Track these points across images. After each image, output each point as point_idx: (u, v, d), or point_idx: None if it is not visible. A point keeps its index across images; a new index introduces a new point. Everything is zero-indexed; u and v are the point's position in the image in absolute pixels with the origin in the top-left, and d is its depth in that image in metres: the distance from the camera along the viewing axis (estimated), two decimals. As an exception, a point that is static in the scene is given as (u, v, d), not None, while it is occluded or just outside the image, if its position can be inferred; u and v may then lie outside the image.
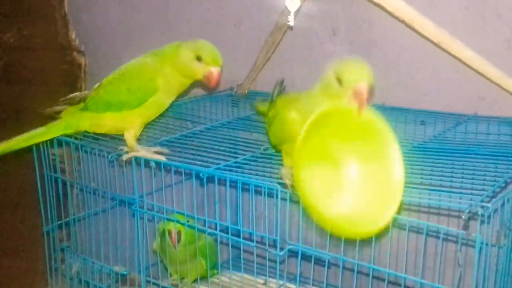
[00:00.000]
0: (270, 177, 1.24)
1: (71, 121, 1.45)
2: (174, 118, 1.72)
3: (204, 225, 1.32)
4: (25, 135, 1.44)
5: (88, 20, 2.34)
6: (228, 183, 1.24)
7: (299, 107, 1.21)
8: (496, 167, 1.21)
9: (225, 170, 1.27)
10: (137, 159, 1.35)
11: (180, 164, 1.29)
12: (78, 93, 1.50)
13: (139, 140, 1.44)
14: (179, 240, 1.47)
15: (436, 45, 1.51)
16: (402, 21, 1.48)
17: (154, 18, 2.21)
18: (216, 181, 1.27)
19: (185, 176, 1.49)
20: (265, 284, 1.71)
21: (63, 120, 1.46)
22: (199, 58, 1.37)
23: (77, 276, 1.56)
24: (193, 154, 1.38)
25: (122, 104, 1.40)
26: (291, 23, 1.62)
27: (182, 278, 1.58)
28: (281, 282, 1.33)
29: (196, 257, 1.56)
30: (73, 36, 2.37)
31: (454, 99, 1.65)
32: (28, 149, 1.48)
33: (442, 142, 1.42)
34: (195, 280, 1.59)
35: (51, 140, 1.48)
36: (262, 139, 1.53)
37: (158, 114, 1.46)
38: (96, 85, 1.49)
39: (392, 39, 1.71)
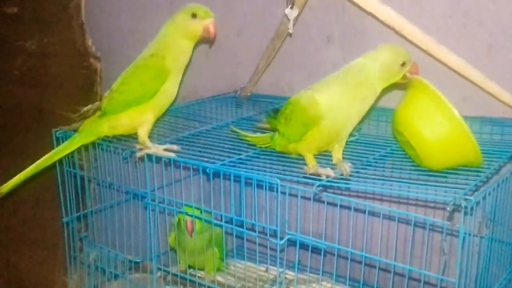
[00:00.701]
0: (271, 172, 1.24)
1: (90, 129, 1.45)
2: (182, 119, 1.73)
3: (211, 217, 1.33)
4: (49, 154, 1.43)
5: (103, 28, 2.35)
6: (232, 178, 1.24)
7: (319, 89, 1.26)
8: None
9: (229, 166, 1.27)
10: (149, 156, 1.35)
11: (188, 160, 1.30)
12: (90, 105, 1.50)
13: (151, 138, 1.44)
14: (193, 229, 1.47)
15: (424, 51, 1.51)
16: (393, 29, 1.48)
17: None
18: (222, 176, 1.28)
19: (193, 172, 1.50)
20: (266, 271, 1.72)
21: (83, 131, 1.45)
22: (194, 15, 1.39)
23: (94, 264, 1.56)
24: (200, 151, 1.38)
25: (137, 99, 1.40)
26: (291, 30, 1.62)
27: (200, 269, 1.58)
28: (281, 269, 1.33)
29: (210, 247, 1.56)
30: (90, 43, 2.38)
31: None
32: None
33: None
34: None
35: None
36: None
37: (169, 104, 1.47)
38: (106, 92, 1.49)
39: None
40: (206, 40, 1.47)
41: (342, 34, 1.80)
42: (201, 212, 1.38)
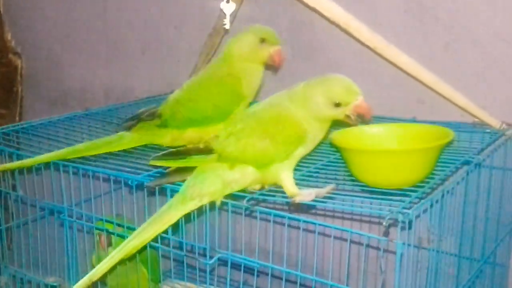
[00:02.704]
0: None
1: (146, 136, 1.48)
2: (113, 124, 1.73)
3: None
4: (96, 142, 1.46)
5: (24, 20, 2.34)
6: (157, 191, 1.26)
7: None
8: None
9: (155, 177, 1.28)
10: (65, 167, 1.36)
11: (109, 171, 1.31)
12: (144, 108, 1.52)
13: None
14: (109, 244, 1.48)
15: (372, 50, 1.55)
16: (338, 26, 1.52)
17: (93, 19, 2.22)
18: (145, 190, 1.29)
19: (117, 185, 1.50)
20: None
21: (137, 133, 1.47)
22: (262, 40, 1.44)
23: (5, 288, 1.56)
24: (126, 161, 1.39)
25: (207, 119, 1.44)
26: (227, 26, 1.65)
27: None
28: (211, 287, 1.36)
29: (136, 267, 1.57)
30: (9, 37, 2.36)
31: (394, 103, 1.70)
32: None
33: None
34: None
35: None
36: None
37: None
38: (170, 97, 1.50)
39: (333, 42, 1.75)
40: (270, 66, 1.53)
41: (290, 29, 1.84)
42: (123, 228, 1.40)
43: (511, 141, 1.52)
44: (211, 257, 1.21)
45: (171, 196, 1.24)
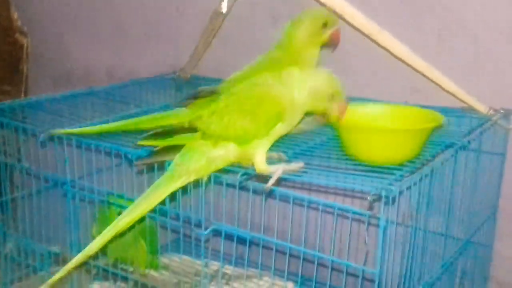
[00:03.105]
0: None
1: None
2: (114, 101, 1.79)
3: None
4: (153, 116, 1.51)
5: (31, 0, 2.39)
6: (156, 165, 1.32)
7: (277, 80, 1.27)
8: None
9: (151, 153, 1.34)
10: (68, 140, 1.42)
11: (109, 145, 1.37)
12: (203, 87, 1.53)
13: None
14: None
15: (367, 36, 1.61)
16: (334, 12, 1.57)
17: (98, 1, 2.27)
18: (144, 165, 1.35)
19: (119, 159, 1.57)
20: (206, 266, 1.81)
21: (192, 110, 1.45)
22: (325, 25, 1.49)
23: (10, 256, 1.63)
24: (127, 136, 1.46)
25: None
26: (224, 10, 1.70)
27: (130, 264, 1.67)
28: (205, 260, 1.43)
29: (135, 240, 1.64)
30: (16, 17, 2.41)
31: (388, 88, 1.76)
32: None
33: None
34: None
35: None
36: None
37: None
38: (231, 77, 1.52)
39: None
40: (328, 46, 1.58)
41: (288, 14, 1.89)
42: (124, 200, 1.46)
43: (497, 125, 1.58)
44: (206, 228, 1.28)
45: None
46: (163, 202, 1.29)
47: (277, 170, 1.20)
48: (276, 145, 1.32)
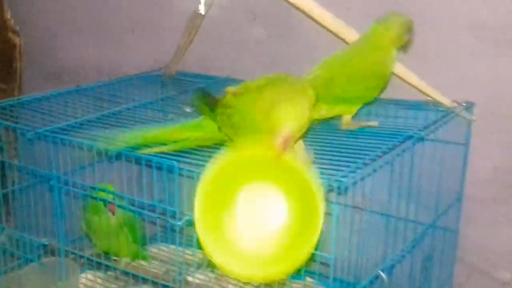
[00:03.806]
0: (176, 155, 1.42)
1: None
2: (94, 98, 1.89)
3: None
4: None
5: (23, 0, 2.48)
6: (133, 160, 1.42)
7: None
8: (368, 144, 1.42)
9: (134, 148, 1.44)
10: (54, 139, 1.52)
11: (90, 143, 1.47)
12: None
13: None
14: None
15: (335, 34, 1.70)
16: (303, 12, 1.66)
17: (87, 0, 2.37)
18: (124, 159, 1.45)
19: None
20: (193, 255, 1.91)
21: None
22: (409, 29, 1.57)
23: (3, 247, 1.74)
24: (109, 133, 1.56)
25: (356, 99, 1.60)
26: (202, 12, 1.79)
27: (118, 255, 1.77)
28: (180, 248, 1.54)
29: (119, 229, 1.74)
30: (8, 16, 2.49)
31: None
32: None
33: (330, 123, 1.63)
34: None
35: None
36: (176, 119, 1.72)
37: None
38: (317, 74, 1.59)
39: (309, 24, 1.87)
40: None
41: (267, 11, 1.98)
42: (105, 193, 1.57)
43: (460, 117, 1.67)
44: (180, 219, 1.38)
45: (146, 165, 1.40)
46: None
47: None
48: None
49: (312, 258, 1.20)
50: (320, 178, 1.18)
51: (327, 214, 1.18)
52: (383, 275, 1.38)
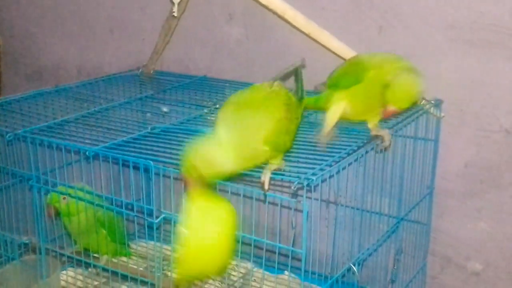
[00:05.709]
0: (153, 154, 1.46)
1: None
2: (73, 99, 1.92)
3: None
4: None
5: (2, 2, 2.50)
6: (111, 161, 1.46)
7: None
8: (341, 142, 1.47)
9: (111, 148, 1.48)
10: (32, 140, 1.55)
11: (68, 143, 1.50)
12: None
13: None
14: (56, 214, 1.69)
15: (307, 35, 1.74)
16: (275, 13, 1.70)
17: (65, 1, 2.39)
18: (101, 159, 1.49)
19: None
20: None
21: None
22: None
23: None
24: (89, 133, 1.59)
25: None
26: (175, 14, 1.83)
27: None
28: (158, 244, 1.58)
29: (95, 228, 1.77)
30: (-13, 17, 2.52)
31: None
32: None
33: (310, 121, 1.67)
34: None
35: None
36: (154, 119, 1.76)
37: None
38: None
39: (284, 24, 1.91)
40: None
41: (243, 11, 2.02)
42: (83, 193, 1.61)
43: (430, 114, 1.72)
44: (156, 217, 1.42)
45: (123, 165, 1.44)
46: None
47: None
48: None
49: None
50: (292, 176, 1.23)
51: (299, 211, 1.23)
52: (354, 268, 1.43)
